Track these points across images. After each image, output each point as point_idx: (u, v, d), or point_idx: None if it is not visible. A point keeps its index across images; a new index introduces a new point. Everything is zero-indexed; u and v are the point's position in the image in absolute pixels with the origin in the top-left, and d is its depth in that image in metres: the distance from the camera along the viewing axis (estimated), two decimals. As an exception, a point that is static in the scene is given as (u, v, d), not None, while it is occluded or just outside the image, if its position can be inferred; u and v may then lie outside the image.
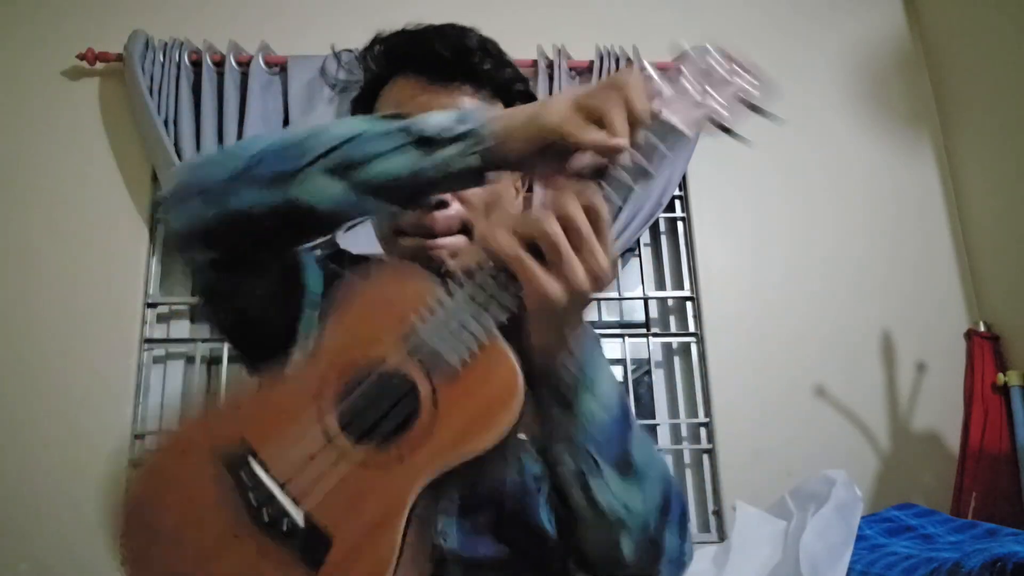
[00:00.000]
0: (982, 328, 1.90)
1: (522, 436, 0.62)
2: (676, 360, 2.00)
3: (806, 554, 1.28)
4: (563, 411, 0.58)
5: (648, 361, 1.95)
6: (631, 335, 1.95)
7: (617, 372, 1.77)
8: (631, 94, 0.53)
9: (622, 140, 0.51)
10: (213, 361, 1.87)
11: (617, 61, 1.94)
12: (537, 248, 0.52)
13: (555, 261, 0.51)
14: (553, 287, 0.51)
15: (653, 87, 0.57)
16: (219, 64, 1.87)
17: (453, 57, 0.69)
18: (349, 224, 0.60)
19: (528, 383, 0.54)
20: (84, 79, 1.94)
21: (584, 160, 0.55)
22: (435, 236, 0.69)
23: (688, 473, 1.86)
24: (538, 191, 0.79)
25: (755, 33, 2.12)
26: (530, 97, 0.76)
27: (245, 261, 0.62)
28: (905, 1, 2.21)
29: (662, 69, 0.59)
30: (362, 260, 0.77)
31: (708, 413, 1.86)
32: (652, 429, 1.92)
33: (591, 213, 0.52)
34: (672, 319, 2.02)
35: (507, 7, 2.05)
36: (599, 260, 0.52)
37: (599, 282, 0.53)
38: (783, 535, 1.37)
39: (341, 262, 0.76)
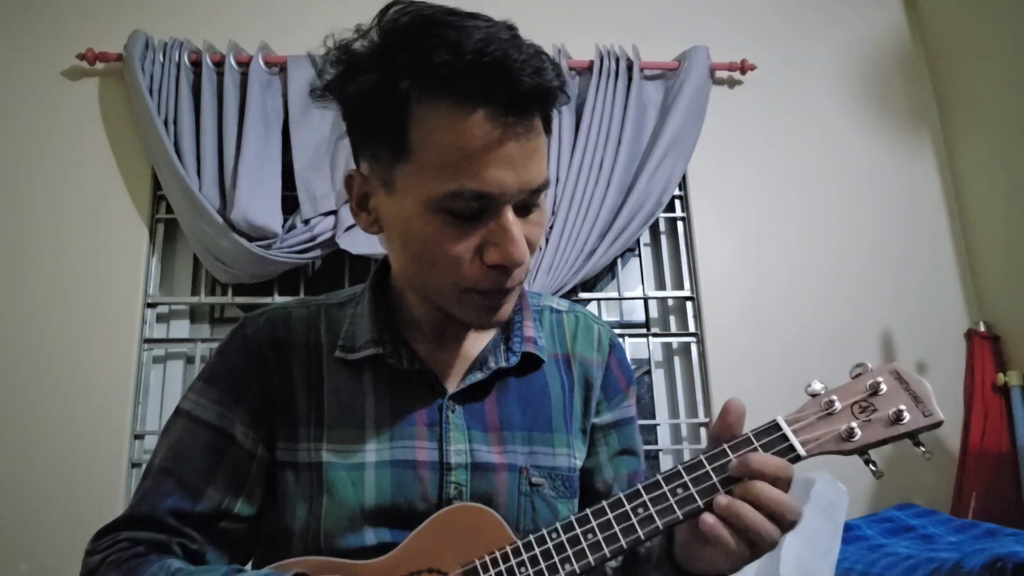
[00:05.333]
0: (982, 328, 1.90)
1: None
2: (676, 360, 2.00)
3: (789, 558, 1.28)
4: None
5: (648, 361, 1.95)
6: (631, 335, 1.95)
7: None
8: None
9: None
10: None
11: (617, 61, 1.94)
12: None
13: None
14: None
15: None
16: (219, 64, 1.87)
17: (536, 92, 0.61)
18: (349, 224, 0.60)
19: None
20: (84, 79, 1.94)
21: None
22: (506, 292, 0.67)
23: (688, 473, 1.86)
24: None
25: (753, 34, 2.12)
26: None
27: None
28: (905, 1, 2.21)
29: (663, 69, 0.60)
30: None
31: (708, 413, 1.86)
32: (652, 429, 1.92)
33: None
34: (672, 319, 2.02)
35: (506, 7, 2.04)
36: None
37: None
38: None
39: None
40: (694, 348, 1.94)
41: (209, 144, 1.79)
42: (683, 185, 2.03)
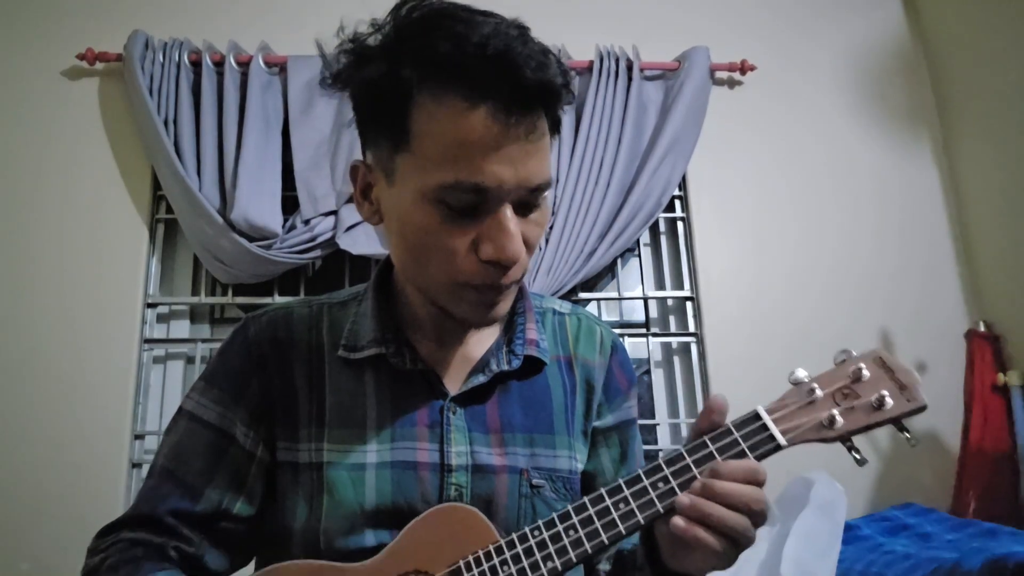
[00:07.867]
0: (982, 328, 1.90)
1: None
2: (676, 360, 2.00)
3: (789, 559, 1.28)
4: None
5: (648, 361, 1.95)
6: (631, 335, 1.95)
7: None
8: None
9: None
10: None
11: (617, 61, 1.94)
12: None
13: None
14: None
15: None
16: (219, 64, 1.87)
17: (538, 88, 0.61)
18: (350, 225, 0.60)
19: None
20: (84, 79, 1.94)
21: None
22: (502, 289, 0.67)
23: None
24: None
25: (754, 34, 2.12)
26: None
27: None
28: (905, 1, 2.21)
29: (663, 69, 0.60)
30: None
31: (708, 413, 1.86)
32: (652, 429, 1.92)
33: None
34: (672, 319, 2.02)
35: (506, 7, 2.04)
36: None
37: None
38: (767, 538, 1.37)
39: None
40: (694, 348, 1.94)
41: (209, 144, 1.79)
42: (683, 185, 2.03)
